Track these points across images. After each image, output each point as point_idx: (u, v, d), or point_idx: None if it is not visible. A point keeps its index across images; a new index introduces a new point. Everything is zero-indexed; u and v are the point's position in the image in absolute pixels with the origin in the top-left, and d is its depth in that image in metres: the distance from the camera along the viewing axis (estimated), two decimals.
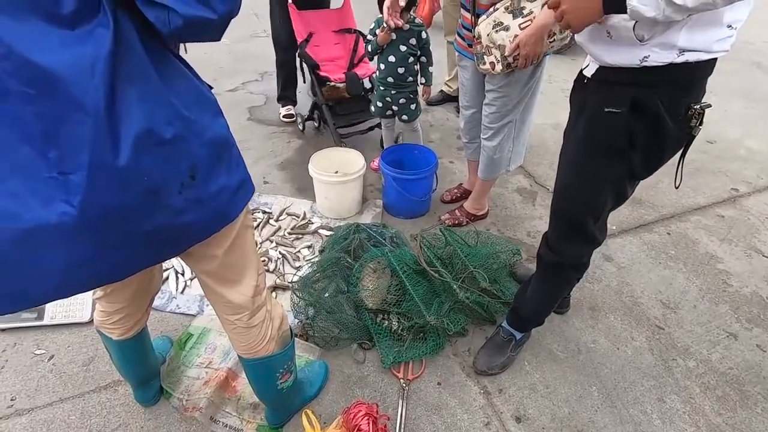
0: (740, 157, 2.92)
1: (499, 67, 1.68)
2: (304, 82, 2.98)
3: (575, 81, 1.20)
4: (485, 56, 1.68)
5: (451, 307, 1.70)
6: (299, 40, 2.64)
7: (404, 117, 2.35)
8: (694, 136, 1.07)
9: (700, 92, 1.05)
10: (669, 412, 1.46)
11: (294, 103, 3.19)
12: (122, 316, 1.16)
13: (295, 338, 1.31)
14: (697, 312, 1.82)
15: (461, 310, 1.72)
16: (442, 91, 3.46)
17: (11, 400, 1.45)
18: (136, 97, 0.67)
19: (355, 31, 2.83)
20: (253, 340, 1.11)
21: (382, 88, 2.27)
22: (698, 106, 1.02)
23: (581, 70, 1.16)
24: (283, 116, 3.17)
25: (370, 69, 2.75)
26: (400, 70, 2.17)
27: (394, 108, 2.32)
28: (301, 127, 2.97)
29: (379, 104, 2.33)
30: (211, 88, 0.86)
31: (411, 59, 2.17)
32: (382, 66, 2.20)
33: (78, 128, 0.63)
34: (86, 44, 0.62)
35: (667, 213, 2.39)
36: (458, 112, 3.38)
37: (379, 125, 2.79)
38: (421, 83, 2.35)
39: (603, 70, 1.07)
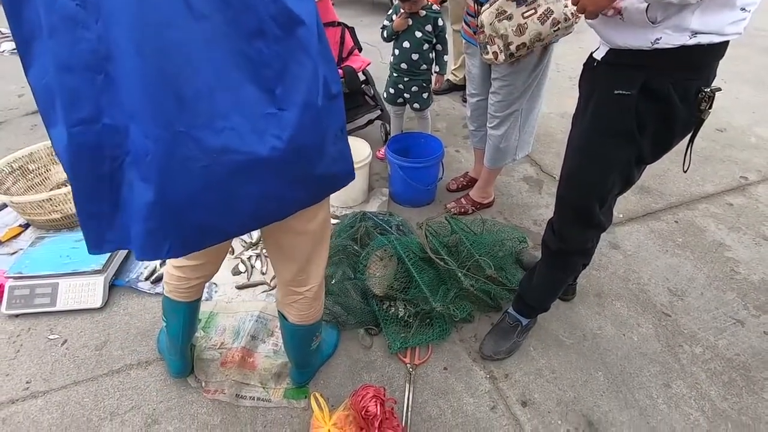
0: (750, 145, 2.89)
1: (501, 57, 1.67)
2: None
3: (585, 65, 1.19)
4: (488, 46, 1.67)
5: (456, 294, 1.71)
6: None
7: (416, 105, 2.34)
8: (704, 120, 1.06)
9: (710, 75, 1.04)
10: (675, 397, 1.47)
11: None
12: (202, 282, 1.24)
13: None
14: (704, 299, 1.82)
15: (467, 297, 1.73)
16: (448, 80, 3.44)
17: (27, 383, 1.49)
18: (320, 52, 0.77)
19: (339, 23, 2.78)
20: (315, 309, 1.21)
21: (395, 74, 2.26)
22: (709, 90, 1.01)
23: (591, 54, 1.16)
24: None
25: (362, 61, 2.73)
26: (414, 57, 2.16)
27: (406, 95, 2.31)
28: None
29: (391, 91, 2.32)
30: None
31: (426, 46, 2.16)
32: (397, 52, 2.19)
33: (300, 69, 0.73)
34: (311, 2, 0.75)
35: (675, 201, 2.38)
36: (464, 101, 3.38)
37: (379, 118, 2.78)
38: (435, 72, 2.34)
39: (613, 53, 1.07)
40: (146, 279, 1.83)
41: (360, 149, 2.26)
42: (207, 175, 0.72)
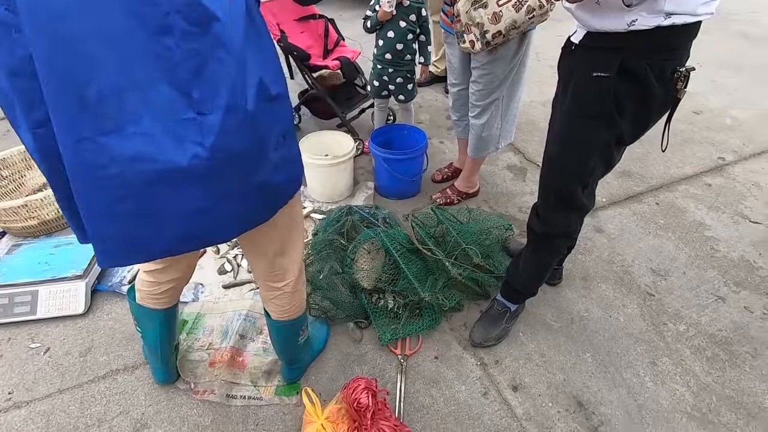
0: (726, 126, 2.95)
1: (478, 46, 1.67)
2: (292, 77, 2.91)
3: (563, 49, 1.20)
4: (465, 34, 1.67)
5: (445, 284, 1.71)
6: (275, 35, 2.51)
7: (401, 97, 2.33)
8: (680, 99, 1.08)
9: (685, 55, 1.05)
10: (661, 374, 1.50)
11: None
12: (173, 286, 1.19)
13: None
14: (686, 278, 1.85)
15: (455, 286, 1.73)
16: (430, 71, 3.43)
17: (9, 393, 1.45)
18: (255, 51, 0.71)
19: (320, 16, 2.74)
20: (295, 303, 1.19)
21: (379, 66, 2.24)
22: (684, 69, 1.03)
23: (568, 38, 1.16)
24: None
25: (353, 51, 2.71)
26: (399, 47, 2.14)
27: (391, 87, 2.29)
28: None
29: (376, 83, 2.31)
30: None
31: (410, 36, 2.15)
32: (381, 42, 2.17)
33: (220, 68, 0.66)
34: None
35: (655, 183, 2.42)
36: (447, 93, 3.37)
37: (372, 107, 2.77)
38: (419, 62, 2.33)
39: (590, 36, 1.07)
40: (129, 282, 1.79)
41: (343, 143, 2.25)
42: (120, 184, 0.66)
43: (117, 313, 1.70)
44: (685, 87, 1.05)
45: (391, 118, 2.79)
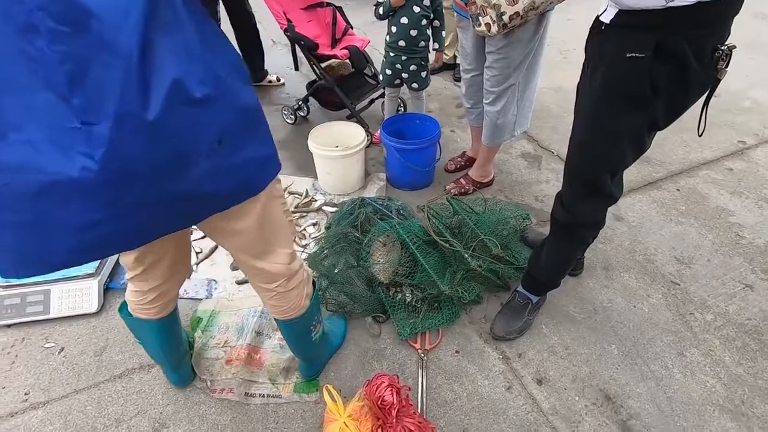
0: (746, 109, 2.86)
1: (494, 29, 1.61)
2: (297, 69, 2.85)
3: (591, 29, 1.13)
4: (480, 17, 1.60)
5: (463, 276, 1.67)
6: (282, 24, 2.45)
7: (414, 85, 2.26)
8: (720, 80, 1.02)
9: (726, 32, 0.99)
10: (690, 365, 1.45)
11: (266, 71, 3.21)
12: (157, 294, 1.13)
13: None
14: (711, 266, 1.80)
15: (474, 278, 1.69)
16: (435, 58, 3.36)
17: (25, 394, 1.43)
18: (170, 49, 0.63)
19: (328, 4, 2.66)
20: (292, 302, 1.12)
21: (392, 54, 2.17)
22: (725, 47, 0.96)
23: (597, 17, 1.09)
24: (270, 81, 3.24)
25: (362, 40, 2.64)
26: (413, 33, 2.08)
27: (404, 75, 2.23)
28: (291, 120, 2.81)
29: (388, 72, 2.24)
30: (256, 60, 0.85)
31: (424, 21, 2.08)
32: (394, 29, 2.10)
33: (107, 73, 0.58)
34: None
35: (675, 169, 2.35)
36: (456, 80, 3.31)
37: (382, 96, 2.70)
38: (434, 49, 2.26)
39: (623, 14, 1.00)
40: None
41: (354, 134, 2.19)
42: (7, 195, 0.62)
43: None
44: (726, 66, 0.99)
45: (401, 108, 2.73)
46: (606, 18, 1.05)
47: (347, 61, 2.57)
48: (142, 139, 0.62)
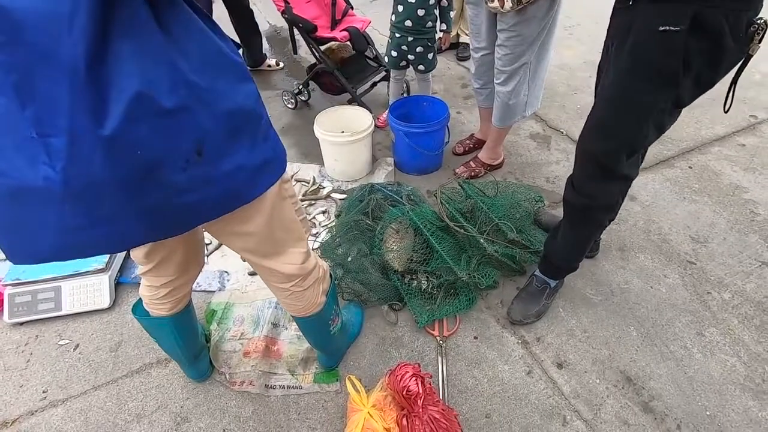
0: (756, 82, 2.81)
1: (508, 5, 1.55)
2: (295, 53, 2.76)
3: (616, 4, 1.08)
4: None
5: (479, 261, 1.65)
6: (279, 6, 2.35)
7: (420, 67, 2.20)
8: (751, 56, 0.98)
9: (759, 5, 0.94)
10: (709, 345, 1.45)
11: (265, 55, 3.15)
12: (170, 290, 1.10)
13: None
14: (727, 244, 1.79)
15: (489, 263, 1.67)
16: (440, 38, 3.27)
17: (43, 392, 1.42)
18: (132, 56, 0.56)
19: None
20: (309, 301, 1.10)
21: (398, 35, 2.10)
22: (762, 21, 0.92)
23: None
24: (269, 65, 3.19)
25: (362, 21, 2.56)
26: (420, 13, 2.00)
27: (410, 57, 2.16)
28: (292, 105, 2.75)
29: (394, 54, 2.17)
30: (239, 47, 0.75)
31: (432, 1, 2.00)
32: (400, 8, 2.02)
33: (53, 87, 0.54)
34: None
35: (686, 146, 2.31)
36: (459, 60, 3.23)
37: (384, 79, 2.64)
38: (441, 30, 2.19)
39: None
40: None
41: (360, 118, 2.14)
42: None
43: None
44: (760, 42, 0.95)
45: (403, 92, 2.66)
46: None
47: (347, 43, 2.49)
48: (100, 154, 0.57)
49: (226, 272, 1.76)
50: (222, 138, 0.68)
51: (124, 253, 1.78)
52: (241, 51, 3.13)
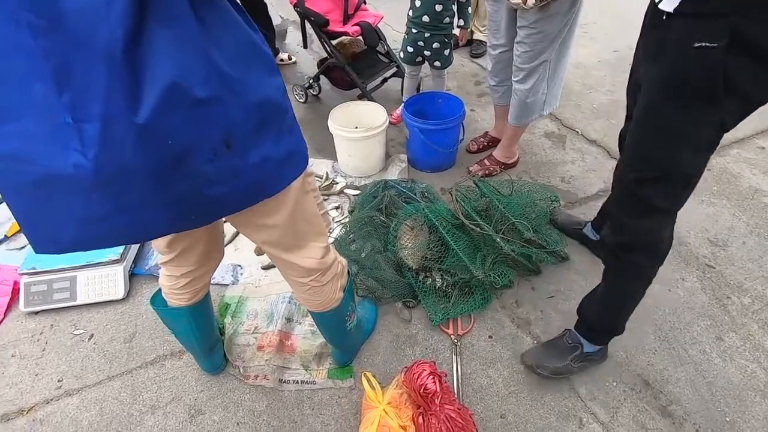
0: None
1: (531, 1, 1.52)
2: (306, 47, 2.75)
3: (647, 19, 1.00)
4: None
5: (494, 260, 1.64)
6: None
7: (437, 63, 2.18)
8: None
9: None
10: (729, 350, 1.43)
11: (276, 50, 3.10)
12: (190, 280, 1.10)
13: None
14: (747, 248, 1.76)
15: (505, 262, 1.66)
16: (454, 35, 3.24)
17: (59, 381, 1.43)
18: (167, 45, 0.56)
19: None
20: (327, 296, 1.09)
21: (414, 30, 2.08)
22: None
23: (654, 4, 0.94)
24: (281, 60, 3.17)
25: (374, 15, 2.53)
26: (438, 8, 1.98)
27: (426, 53, 2.14)
28: (302, 99, 2.74)
29: (410, 49, 2.15)
30: (267, 37, 0.74)
31: None
32: (418, 3, 2.00)
33: (90, 73, 0.54)
34: None
35: None
36: (473, 57, 3.20)
37: (395, 75, 2.62)
38: (458, 26, 2.16)
39: (689, 2, 0.86)
40: None
41: (376, 114, 2.13)
42: (10, 183, 0.62)
43: None
44: None
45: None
46: (668, 6, 0.89)
47: (359, 38, 2.47)
48: (133, 142, 0.57)
49: (240, 266, 1.75)
50: (250, 130, 0.68)
51: (139, 244, 1.78)
52: None
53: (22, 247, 1.83)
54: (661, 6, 0.92)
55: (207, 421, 1.32)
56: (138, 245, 1.78)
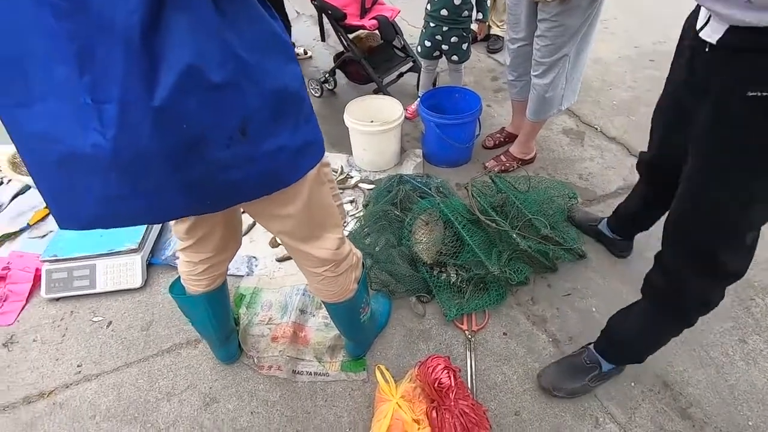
0: None
1: None
2: (323, 40, 2.75)
3: (685, 42, 0.85)
4: None
5: (510, 257, 1.62)
6: None
7: (454, 58, 2.16)
8: None
9: None
10: (752, 353, 1.39)
11: None
12: (207, 267, 1.11)
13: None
14: None
15: (521, 258, 1.64)
16: (472, 29, 3.21)
17: (78, 366, 1.46)
18: (185, 28, 0.56)
19: None
20: (341, 287, 1.09)
21: (432, 24, 2.06)
22: None
23: (696, 31, 0.81)
24: (297, 54, 3.12)
25: (391, 9, 2.52)
26: (457, 2, 1.96)
27: (444, 47, 2.12)
28: (318, 93, 2.74)
29: (427, 44, 2.13)
30: (288, 26, 0.74)
31: None
32: None
33: (110, 55, 0.55)
34: None
35: None
36: (490, 52, 3.16)
37: (411, 70, 2.61)
38: (477, 19, 2.14)
39: (738, 33, 0.71)
40: None
41: (391, 108, 2.12)
42: (37, 161, 0.65)
43: None
44: None
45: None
46: (710, 36, 0.76)
47: (376, 32, 2.46)
48: (149, 125, 0.58)
49: (255, 257, 1.77)
50: (267, 117, 0.68)
51: (156, 234, 1.81)
52: None
53: (44, 235, 1.87)
54: (703, 35, 0.77)
55: (221, 410, 1.33)
56: (156, 235, 1.80)
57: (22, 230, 1.90)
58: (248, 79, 0.63)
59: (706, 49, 0.77)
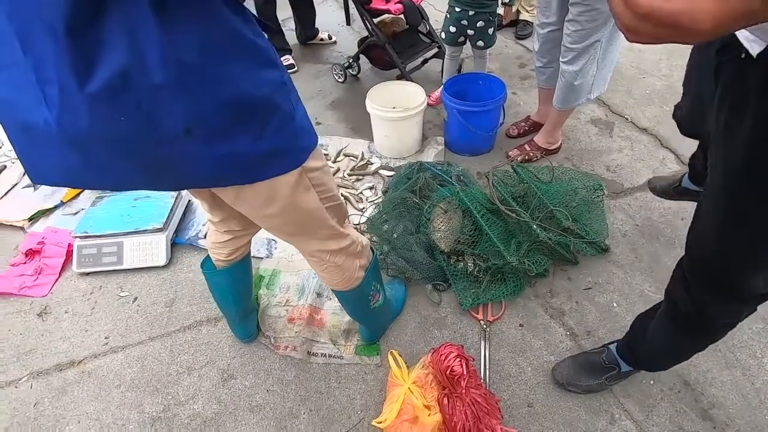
0: None
1: None
2: (348, 23, 2.72)
3: (721, 54, 0.73)
4: None
5: (529, 248, 1.59)
6: None
7: (480, 43, 2.10)
8: None
9: None
10: None
11: (290, 51, 2.96)
12: (231, 238, 1.15)
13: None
14: None
15: (540, 249, 1.61)
16: (499, 14, 3.12)
17: (105, 338, 1.53)
18: (121, 28, 0.55)
19: None
20: (345, 275, 1.09)
21: (458, 9, 2.01)
22: None
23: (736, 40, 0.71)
24: (321, 39, 3.14)
25: None
26: None
27: (470, 32, 2.07)
28: (341, 79, 2.71)
29: (452, 29, 2.09)
30: (269, 30, 0.70)
31: None
32: None
33: (43, 40, 0.56)
34: None
35: None
36: (518, 38, 3.07)
37: (436, 56, 2.56)
38: (503, 2, 2.07)
39: None
40: (205, 236, 1.81)
41: (414, 94, 2.09)
42: (5, 122, 0.66)
43: (196, 266, 1.73)
44: None
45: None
46: (752, 48, 0.65)
47: (401, 16, 2.42)
48: (86, 111, 0.59)
49: (274, 240, 1.79)
50: (222, 123, 0.65)
51: (181, 215, 1.86)
52: (294, 27, 3.13)
53: (76, 213, 1.95)
54: (740, 36, 0.66)
55: (238, 386, 1.37)
56: (180, 216, 1.85)
57: (56, 207, 1.99)
58: (196, 83, 0.61)
59: (743, 56, 0.67)
